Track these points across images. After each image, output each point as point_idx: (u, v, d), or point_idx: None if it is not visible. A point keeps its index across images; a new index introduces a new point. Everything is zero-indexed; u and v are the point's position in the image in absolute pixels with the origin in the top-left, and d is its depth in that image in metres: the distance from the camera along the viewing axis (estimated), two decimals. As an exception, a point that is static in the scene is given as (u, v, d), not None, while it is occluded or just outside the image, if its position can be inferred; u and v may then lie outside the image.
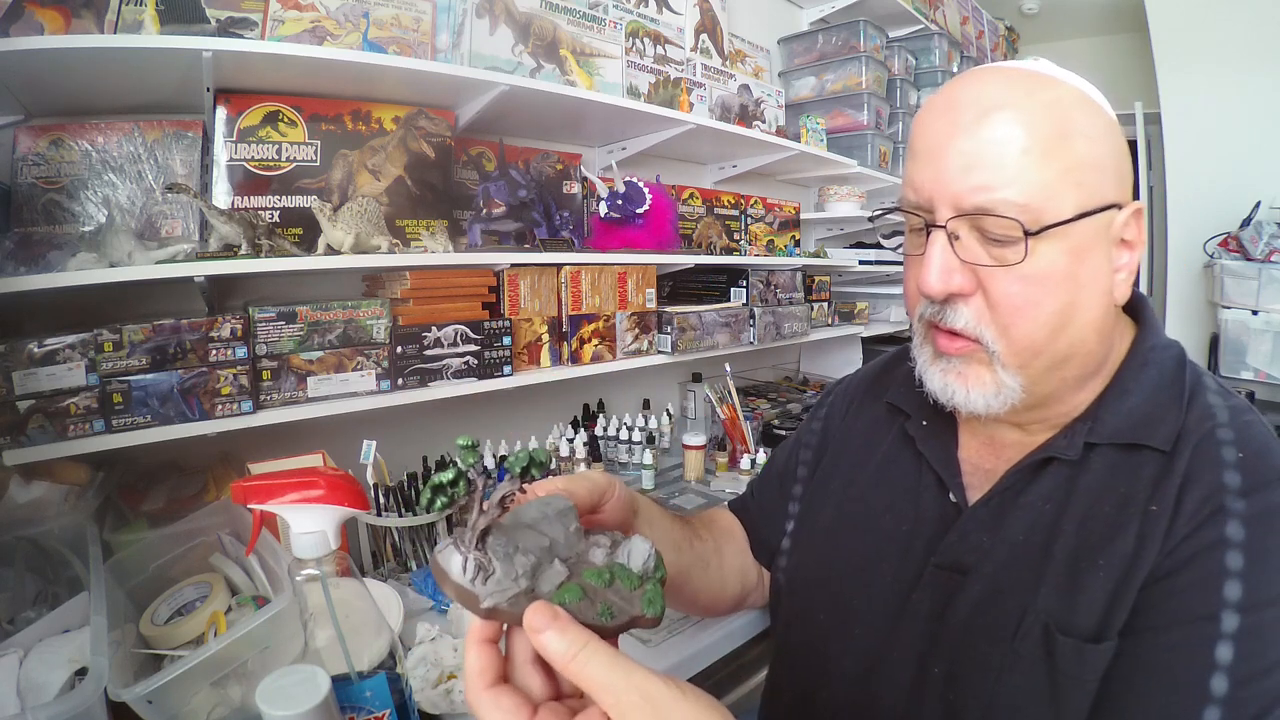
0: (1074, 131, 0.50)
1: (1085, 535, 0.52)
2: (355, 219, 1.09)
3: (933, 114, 0.54)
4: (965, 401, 0.55)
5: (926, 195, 0.53)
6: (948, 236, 0.52)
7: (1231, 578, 0.46)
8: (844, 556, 0.66)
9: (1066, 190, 0.49)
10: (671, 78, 1.64)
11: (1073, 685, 0.48)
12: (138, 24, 0.98)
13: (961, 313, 0.53)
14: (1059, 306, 0.51)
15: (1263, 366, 2.22)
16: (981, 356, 0.54)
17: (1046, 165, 0.49)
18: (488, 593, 0.35)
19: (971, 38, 2.80)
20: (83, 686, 0.56)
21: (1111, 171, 0.52)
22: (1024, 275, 0.50)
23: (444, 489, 0.38)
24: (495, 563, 0.36)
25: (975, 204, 0.50)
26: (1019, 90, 0.50)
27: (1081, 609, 0.49)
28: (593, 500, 0.50)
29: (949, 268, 0.52)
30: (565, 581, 0.38)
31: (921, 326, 0.58)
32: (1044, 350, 0.52)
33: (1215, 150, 2.58)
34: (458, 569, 0.36)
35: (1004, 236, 0.50)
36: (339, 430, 1.18)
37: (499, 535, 0.38)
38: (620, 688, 0.31)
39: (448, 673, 0.84)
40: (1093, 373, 0.57)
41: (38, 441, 0.84)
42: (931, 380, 0.57)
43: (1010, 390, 0.53)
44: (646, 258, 1.49)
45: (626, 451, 1.61)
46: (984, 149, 0.49)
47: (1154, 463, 0.52)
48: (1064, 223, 0.49)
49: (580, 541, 0.42)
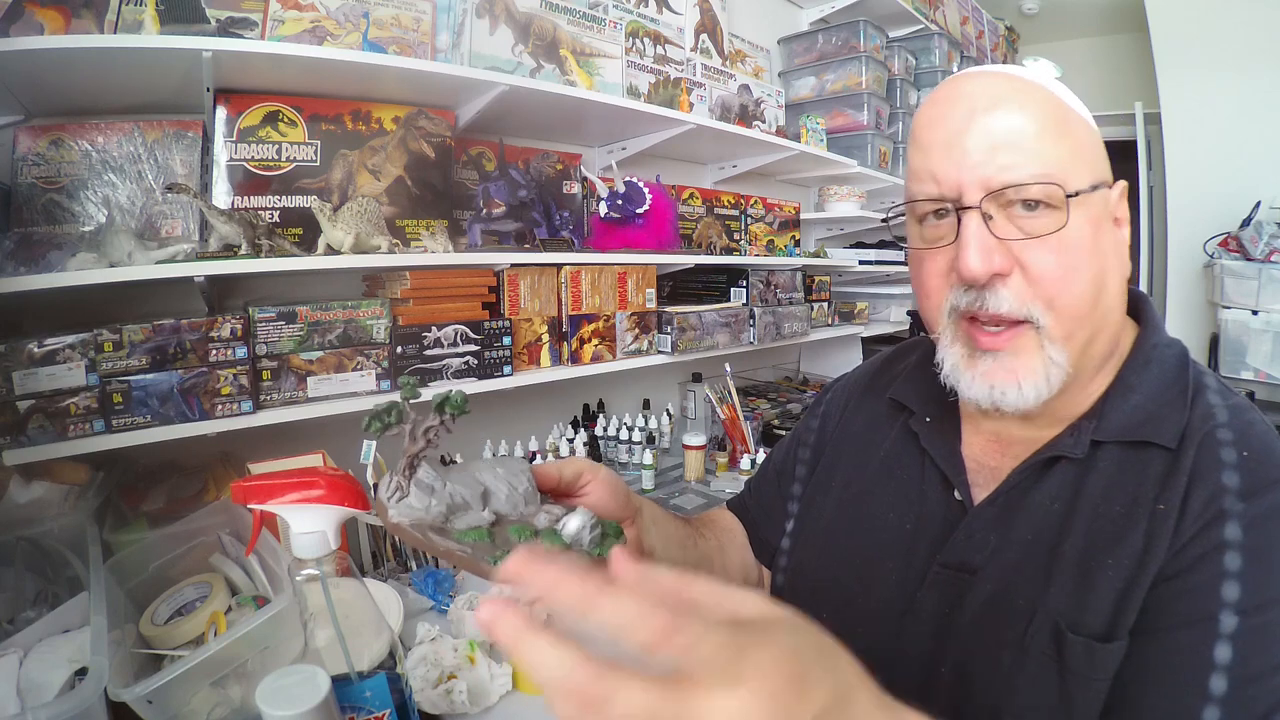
0: (1069, 119, 0.54)
1: (1094, 534, 0.52)
2: (355, 219, 1.09)
3: (940, 108, 0.55)
4: (1018, 399, 0.53)
5: (952, 182, 0.53)
6: (982, 216, 0.52)
7: (1231, 580, 0.46)
8: (846, 555, 0.66)
9: (1079, 164, 0.52)
10: (671, 78, 1.64)
11: (1083, 684, 0.48)
12: (138, 24, 0.98)
13: (1004, 295, 0.52)
14: (1093, 274, 0.53)
15: (1263, 366, 2.22)
16: (1029, 338, 0.53)
17: (1059, 144, 0.52)
18: (397, 511, 0.42)
19: (971, 38, 2.80)
20: (83, 686, 0.56)
21: (1101, 155, 0.56)
22: (1059, 246, 0.52)
23: (379, 415, 0.42)
24: (413, 488, 0.42)
25: (1006, 180, 0.51)
26: (1017, 86, 0.53)
27: (1091, 608, 0.49)
28: (560, 475, 0.52)
29: (988, 246, 0.52)
30: (480, 527, 0.43)
31: (952, 323, 0.56)
32: (1087, 319, 0.53)
33: (1215, 150, 2.58)
34: (384, 487, 0.43)
35: (1042, 200, 0.51)
36: (339, 430, 1.18)
37: (433, 471, 0.44)
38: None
39: (448, 673, 0.84)
40: (1107, 355, 0.57)
41: (38, 441, 0.84)
42: (971, 386, 0.55)
43: (1059, 368, 0.53)
44: (646, 258, 1.49)
45: (626, 451, 1.61)
46: (1007, 130, 0.52)
47: (1160, 460, 0.52)
48: (1084, 192, 0.52)
49: (530, 504, 0.47)
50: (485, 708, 0.83)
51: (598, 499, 0.54)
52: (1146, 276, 3.05)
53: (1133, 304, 0.62)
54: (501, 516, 0.45)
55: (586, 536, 0.44)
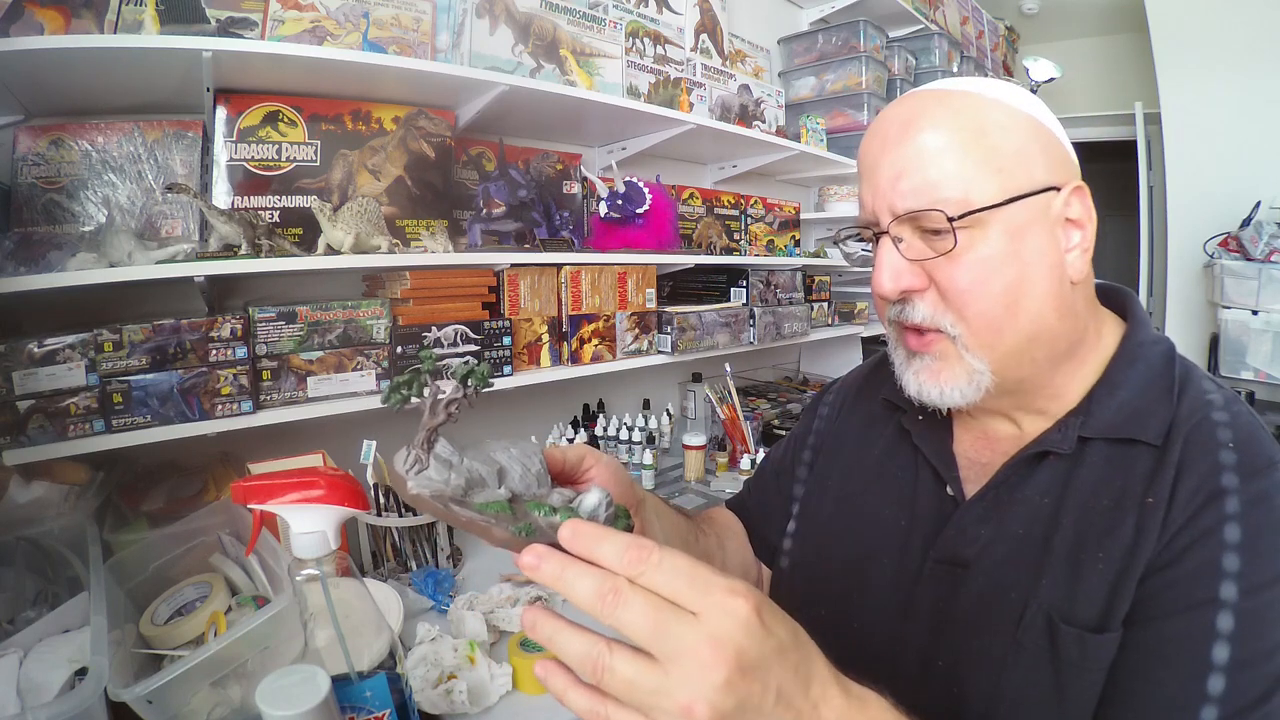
0: (988, 127, 0.54)
1: (1084, 528, 0.53)
2: (355, 219, 1.09)
3: (867, 138, 0.60)
4: (941, 397, 0.57)
5: (870, 209, 0.58)
6: (892, 240, 0.56)
7: (1229, 555, 0.47)
8: (843, 551, 0.67)
9: (987, 179, 0.53)
10: (671, 78, 1.64)
11: (1076, 674, 0.49)
12: (138, 24, 0.98)
13: (919, 307, 0.57)
14: (1006, 284, 0.54)
15: (1263, 366, 2.22)
16: (947, 346, 0.57)
17: (964, 160, 0.53)
18: (416, 483, 0.42)
19: (971, 38, 2.80)
20: (83, 686, 0.56)
21: (1038, 157, 0.55)
22: (966, 261, 0.54)
23: (399, 388, 0.43)
24: (432, 461, 0.43)
25: (906, 206, 0.55)
26: (932, 102, 0.56)
27: (1082, 600, 0.50)
28: (564, 458, 0.54)
29: (897, 269, 0.56)
30: (500, 500, 0.43)
31: (893, 330, 0.62)
32: (1004, 327, 0.54)
33: (1215, 150, 2.58)
34: (400, 459, 0.43)
35: (937, 228, 0.54)
36: (339, 430, 1.18)
37: (450, 447, 0.44)
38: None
39: (448, 673, 0.84)
40: (1064, 354, 0.58)
41: (38, 441, 0.84)
42: (908, 383, 0.60)
43: (981, 375, 0.56)
44: (646, 258, 1.49)
45: (626, 451, 1.61)
46: (907, 157, 0.55)
47: (1147, 456, 0.53)
48: (990, 207, 0.53)
49: (542, 486, 0.48)
50: (485, 708, 0.83)
51: (601, 484, 0.54)
52: (1146, 276, 3.05)
53: (1118, 301, 0.64)
54: (516, 495, 0.46)
55: (602, 514, 0.45)
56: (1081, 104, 3.26)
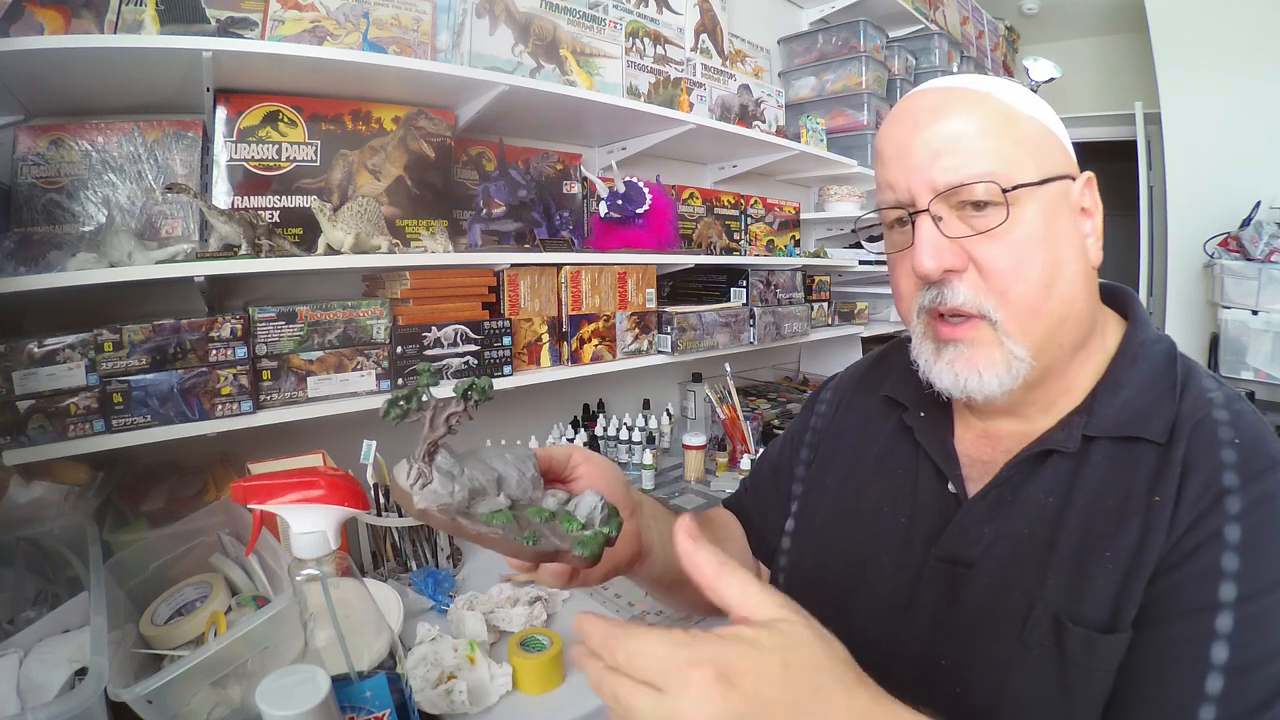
0: (1015, 115, 0.56)
1: (1090, 527, 0.52)
2: (355, 219, 1.09)
3: (892, 124, 0.59)
4: (980, 386, 0.56)
5: (904, 189, 0.57)
6: (932, 219, 0.55)
7: (1229, 555, 0.46)
8: (843, 549, 0.67)
9: (1025, 158, 0.54)
10: (671, 78, 1.64)
11: (1083, 676, 0.49)
12: (138, 24, 0.98)
13: (959, 289, 0.56)
14: (1044, 263, 0.54)
15: (1263, 366, 2.22)
16: (986, 332, 0.56)
17: (1001, 140, 0.54)
18: (422, 498, 0.42)
19: (971, 38, 2.80)
20: (83, 686, 0.56)
21: (1057, 147, 0.57)
22: (1008, 239, 0.54)
23: (398, 403, 0.43)
24: (435, 474, 0.43)
25: (949, 181, 0.54)
26: (958, 95, 0.56)
27: (1090, 600, 0.50)
28: (551, 459, 0.54)
29: (939, 246, 0.55)
30: (503, 510, 0.44)
31: (921, 320, 0.59)
32: (1042, 310, 0.54)
33: (1215, 150, 2.58)
34: (402, 474, 0.43)
35: (986, 200, 0.54)
36: (339, 430, 1.18)
37: (451, 459, 0.44)
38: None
39: (448, 673, 0.84)
40: (1081, 342, 0.58)
41: (38, 441, 0.84)
42: (940, 376, 0.58)
43: (1020, 361, 0.55)
44: (646, 258, 1.49)
45: (626, 451, 1.61)
46: (943, 136, 0.55)
47: (1152, 454, 0.53)
48: (1032, 184, 0.54)
49: (537, 490, 0.49)
50: (485, 708, 0.83)
51: (590, 482, 0.55)
52: (1146, 276, 3.05)
53: (1119, 301, 0.64)
54: (515, 501, 0.47)
55: (598, 516, 0.46)
56: (1081, 104, 3.26)
